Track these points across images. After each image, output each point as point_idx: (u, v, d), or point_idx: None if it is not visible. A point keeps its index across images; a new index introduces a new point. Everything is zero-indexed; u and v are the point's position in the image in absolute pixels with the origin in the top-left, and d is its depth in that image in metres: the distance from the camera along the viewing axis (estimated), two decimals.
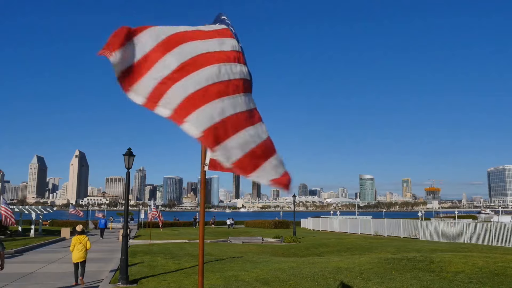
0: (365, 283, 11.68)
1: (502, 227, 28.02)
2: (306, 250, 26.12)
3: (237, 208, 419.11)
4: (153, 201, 37.34)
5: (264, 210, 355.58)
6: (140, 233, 42.18)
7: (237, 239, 34.18)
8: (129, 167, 15.00)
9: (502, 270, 12.49)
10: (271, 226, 58.13)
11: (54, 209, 67.45)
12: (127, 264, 13.49)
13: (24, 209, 39.07)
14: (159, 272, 14.96)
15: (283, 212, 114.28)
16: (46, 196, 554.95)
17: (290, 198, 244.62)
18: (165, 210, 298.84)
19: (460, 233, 31.03)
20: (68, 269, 16.51)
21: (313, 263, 15.76)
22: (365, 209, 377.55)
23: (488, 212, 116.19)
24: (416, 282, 11.48)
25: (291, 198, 48.08)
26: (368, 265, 14.27)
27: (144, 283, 12.92)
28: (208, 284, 12.13)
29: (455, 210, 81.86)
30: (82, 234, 13.99)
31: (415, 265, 13.85)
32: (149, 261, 18.10)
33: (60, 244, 29.87)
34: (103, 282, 13.74)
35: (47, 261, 19.82)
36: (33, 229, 36.63)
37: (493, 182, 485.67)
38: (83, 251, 13.49)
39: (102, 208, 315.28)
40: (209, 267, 15.37)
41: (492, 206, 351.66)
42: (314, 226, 53.64)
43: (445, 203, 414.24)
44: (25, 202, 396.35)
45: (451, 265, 13.53)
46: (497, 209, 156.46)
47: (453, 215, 69.52)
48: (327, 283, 11.96)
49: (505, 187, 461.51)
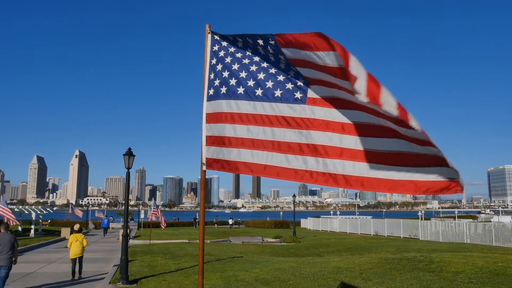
0: (365, 283, 11.67)
1: (502, 227, 28.02)
2: (306, 250, 26.11)
3: (237, 208, 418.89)
4: (153, 201, 37.35)
5: (264, 210, 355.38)
6: (140, 233, 42.19)
7: (237, 239, 34.17)
8: (129, 167, 14.99)
9: (502, 270, 12.48)
10: (271, 226, 58.12)
11: (54, 209, 67.40)
12: (127, 264, 13.48)
13: (24, 209, 39.07)
14: (159, 272, 14.96)
15: (283, 212, 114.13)
16: (46, 196, 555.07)
17: (290, 198, 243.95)
18: (165, 210, 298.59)
19: (460, 233, 31.02)
20: (68, 269, 16.48)
21: (313, 263, 15.75)
22: (365, 209, 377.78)
23: (488, 212, 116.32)
24: (416, 282, 11.47)
25: (291, 198, 48.06)
26: (368, 265, 14.26)
27: (144, 283, 12.91)
28: (208, 284, 12.12)
29: (455, 210, 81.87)
30: (79, 232, 15.30)
31: (415, 265, 13.83)
32: (149, 261, 18.09)
33: (60, 244, 29.84)
34: (103, 282, 13.73)
35: (47, 261, 19.81)
36: (33, 229, 36.62)
37: (493, 182, 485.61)
38: (80, 247, 14.72)
39: (102, 208, 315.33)
40: (209, 267, 15.36)
41: (492, 206, 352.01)
42: (314, 226, 53.62)
43: (445, 203, 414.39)
44: (25, 202, 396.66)
45: (451, 265, 13.51)
46: (497, 209, 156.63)
47: (453, 215, 69.58)
48: (327, 283, 11.95)
49: (505, 187, 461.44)
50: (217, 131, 4.51)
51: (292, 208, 45.85)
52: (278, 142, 4.03)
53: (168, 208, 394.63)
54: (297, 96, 3.96)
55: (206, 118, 4.60)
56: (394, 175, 3.44)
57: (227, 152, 4.40)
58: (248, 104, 4.22)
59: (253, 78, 4.22)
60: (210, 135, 4.57)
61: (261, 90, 4.14)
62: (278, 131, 4.04)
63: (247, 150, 4.22)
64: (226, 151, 4.42)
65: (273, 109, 4.06)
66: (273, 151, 4.06)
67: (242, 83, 4.27)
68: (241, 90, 4.27)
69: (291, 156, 3.95)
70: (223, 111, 4.43)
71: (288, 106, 3.99)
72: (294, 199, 47.48)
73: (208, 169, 4.65)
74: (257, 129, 4.16)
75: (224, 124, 4.42)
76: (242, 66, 4.33)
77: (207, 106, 4.61)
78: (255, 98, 4.18)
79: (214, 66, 4.61)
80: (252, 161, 4.18)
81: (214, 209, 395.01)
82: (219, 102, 4.49)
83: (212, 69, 4.61)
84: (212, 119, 4.57)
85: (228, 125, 4.39)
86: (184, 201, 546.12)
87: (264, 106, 4.12)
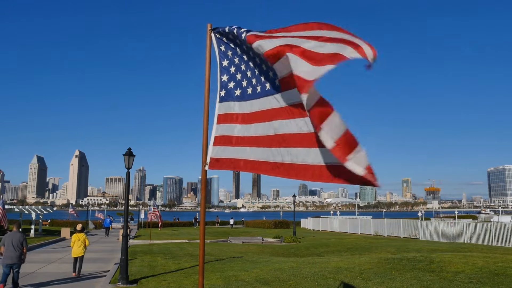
0: (365, 283, 11.67)
1: (502, 227, 28.01)
2: (306, 250, 26.11)
3: (237, 208, 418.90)
4: (153, 201, 37.39)
5: (264, 210, 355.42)
6: (140, 233, 42.18)
7: (237, 239, 34.17)
8: (129, 167, 14.99)
9: (502, 270, 12.48)
10: (271, 226, 58.13)
11: (54, 209, 67.37)
12: (127, 264, 13.49)
13: (24, 209, 39.08)
14: (159, 272, 14.96)
15: (283, 212, 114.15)
16: (46, 196, 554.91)
17: (290, 198, 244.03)
18: (165, 210, 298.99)
19: (460, 233, 31.02)
20: (68, 269, 16.52)
21: (313, 263, 15.75)
22: (365, 209, 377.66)
23: (488, 212, 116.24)
24: (416, 282, 11.48)
25: (291, 198, 48.10)
26: (368, 265, 14.26)
27: (144, 283, 12.92)
28: (208, 284, 12.12)
29: (455, 210, 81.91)
30: (81, 232, 15.82)
31: (415, 265, 13.84)
32: (149, 261, 18.09)
33: (60, 244, 29.84)
34: (103, 282, 13.74)
35: (47, 261, 19.81)
36: (33, 229, 36.62)
37: (493, 182, 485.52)
38: (81, 247, 15.25)
39: (102, 208, 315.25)
40: (209, 267, 15.37)
41: (492, 206, 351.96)
42: (314, 226, 53.62)
43: (445, 203, 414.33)
44: (25, 202, 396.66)
45: (451, 265, 13.52)
46: (497, 209, 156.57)
47: (453, 215, 69.54)
48: (327, 283, 11.96)
49: (505, 187, 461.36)
50: (225, 131, 4.57)
51: (292, 208, 45.86)
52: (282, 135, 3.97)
53: (168, 208, 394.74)
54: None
55: (218, 119, 4.68)
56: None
57: (234, 151, 4.44)
58: (254, 103, 4.22)
59: (255, 76, 4.22)
60: (219, 135, 4.63)
61: (260, 86, 4.13)
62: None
63: (251, 148, 4.23)
64: (232, 150, 4.46)
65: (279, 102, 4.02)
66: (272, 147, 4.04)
67: (251, 82, 4.28)
68: (250, 90, 4.28)
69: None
70: (235, 112, 4.49)
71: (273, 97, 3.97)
72: (294, 199, 47.49)
73: (211, 168, 4.68)
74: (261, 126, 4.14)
75: (235, 125, 4.48)
76: (247, 65, 4.33)
77: (219, 107, 4.68)
78: (257, 95, 4.17)
79: (226, 67, 4.64)
80: (255, 159, 4.18)
81: (214, 209, 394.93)
82: (229, 103, 4.57)
83: (224, 70, 4.64)
84: (222, 120, 4.63)
85: (238, 125, 4.45)
86: (184, 201, 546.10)
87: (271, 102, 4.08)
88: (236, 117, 4.49)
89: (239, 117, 4.44)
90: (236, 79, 4.50)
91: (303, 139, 3.47)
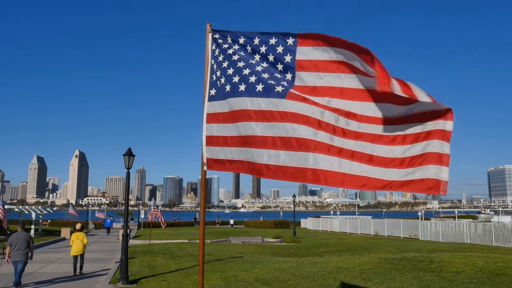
0: (365, 283, 11.67)
1: (502, 227, 28.00)
2: (306, 250, 26.10)
3: (237, 208, 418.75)
4: (153, 201, 37.40)
5: (264, 210, 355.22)
6: (140, 233, 42.17)
7: (237, 239, 34.15)
8: (129, 167, 14.99)
9: (502, 270, 12.48)
10: (271, 226, 58.11)
11: (54, 209, 67.37)
12: (127, 264, 13.49)
13: (24, 209, 39.05)
14: (159, 272, 14.96)
15: (283, 212, 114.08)
16: (46, 196, 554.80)
17: (290, 198, 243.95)
18: (165, 210, 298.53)
19: (460, 233, 31.01)
20: (68, 269, 16.52)
21: (313, 263, 15.75)
22: (365, 209, 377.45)
23: (488, 212, 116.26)
24: (416, 282, 11.48)
25: (291, 198, 48.10)
26: (368, 265, 14.26)
27: (144, 283, 12.92)
28: (208, 284, 12.12)
29: (455, 210, 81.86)
30: (80, 231, 16.20)
31: (415, 265, 13.83)
32: (149, 261, 18.09)
33: (60, 244, 29.84)
34: (103, 282, 13.73)
35: (47, 261, 19.82)
36: (33, 229, 36.57)
37: (493, 182, 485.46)
38: (81, 245, 15.57)
39: (102, 208, 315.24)
40: (209, 267, 15.36)
41: (492, 206, 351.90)
42: (314, 226, 53.60)
43: (445, 203, 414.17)
44: (25, 202, 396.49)
45: (451, 265, 13.51)
46: (497, 209, 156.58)
47: (453, 215, 69.48)
48: (327, 283, 11.95)
49: (505, 187, 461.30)
50: (216, 131, 4.51)
51: (292, 208, 45.85)
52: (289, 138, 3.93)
53: (168, 208, 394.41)
54: (277, 90, 3.97)
55: (207, 118, 4.60)
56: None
57: (229, 151, 4.40)
58: (250, 101, 4.18)
59: (255, 74, 4.19)
60: (210, 135, 4.57)
61: (262, 85, 4.10)
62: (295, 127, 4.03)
63: (248, 149, 4.19)
64: (227, 150, 4.41)
65: (275, 105, 4.00)
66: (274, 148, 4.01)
67: (244, 80, 4.24)
68: (243, 88, 4.24)
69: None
70: (225, 111, 4.42)
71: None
72: (294, 199, 47.49)
73: (209, 169, 4.65)
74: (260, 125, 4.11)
75: (225, 124, 4.41)
76: (245, 64, 4.31)
77: (208, 106, 4.61)
78: (255, 94, 4.14)
79: (213, 66, 4.62)
80: (253, 161, 4.15)
81: (214, 209, 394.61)
82: (220, 102, 4.49)
83: (216, 68, 4.61)
84: (212, 119, 4.56)
85: (229, 124, 4.37)
86: (184, 201, 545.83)
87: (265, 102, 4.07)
88: (234, 115, 4.41)
89: (249, 113, 4.33)
90: (226, 74, 4.45)
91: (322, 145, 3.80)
